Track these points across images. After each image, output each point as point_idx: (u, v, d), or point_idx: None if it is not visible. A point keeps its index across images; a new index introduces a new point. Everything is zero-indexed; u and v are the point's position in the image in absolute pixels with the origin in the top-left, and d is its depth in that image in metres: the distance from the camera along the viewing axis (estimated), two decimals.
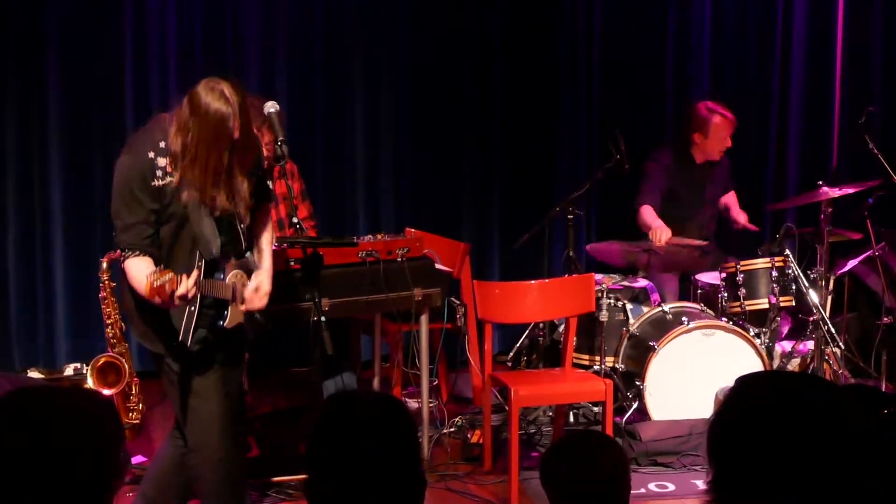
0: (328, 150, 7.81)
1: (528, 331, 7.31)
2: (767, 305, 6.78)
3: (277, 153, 4.82)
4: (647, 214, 7.19)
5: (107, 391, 6.16)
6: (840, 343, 6.81)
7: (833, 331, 6.73)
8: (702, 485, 5.64)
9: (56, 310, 7.41)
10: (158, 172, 4.30)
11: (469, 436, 6.33)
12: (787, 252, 6.80)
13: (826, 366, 6.71)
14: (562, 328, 6.53)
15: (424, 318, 5.87)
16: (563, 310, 6.16)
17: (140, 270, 4.24)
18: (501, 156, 8.14)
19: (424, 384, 5.93)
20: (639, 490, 5.67)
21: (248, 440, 6.05)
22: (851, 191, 6.84)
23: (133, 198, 4.31)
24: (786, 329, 7.33)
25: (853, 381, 6.70)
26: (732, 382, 2.44)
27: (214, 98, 4.25)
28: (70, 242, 7.37)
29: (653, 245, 6.87)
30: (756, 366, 6.30)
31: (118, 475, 2.34)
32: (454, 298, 6.71)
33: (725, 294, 6.79)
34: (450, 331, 6.68)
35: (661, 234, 6.91)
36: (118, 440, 2.35)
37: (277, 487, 5.61)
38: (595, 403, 6.52)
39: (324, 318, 4.71)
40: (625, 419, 6.27)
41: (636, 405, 6.35)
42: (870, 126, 7.33)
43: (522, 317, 6.45)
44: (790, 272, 6.76)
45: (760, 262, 6.84)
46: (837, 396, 2.32)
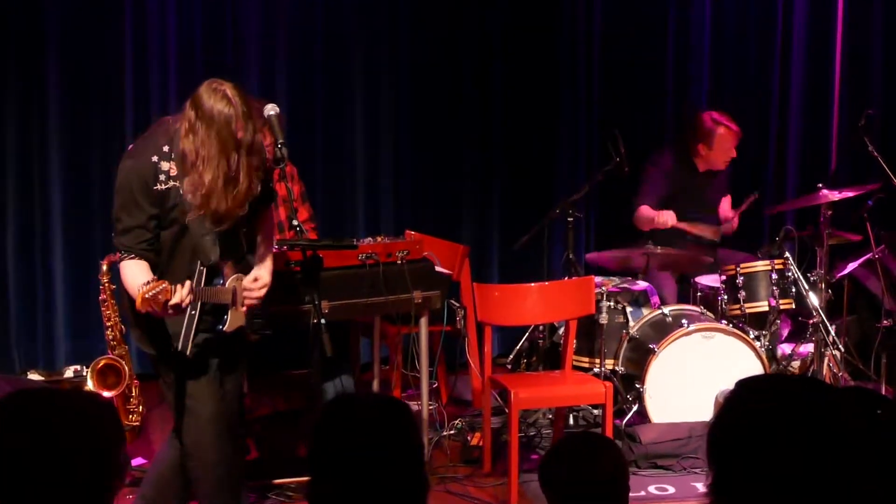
0: (328, 151, 7.81)
1: (528, 333, 7.32)
2: (767, 308, 6.79)
3: (277, 155, 4.81)
4: (646, 211, 7.19)
5: (107, 393, 6.17)
6: (840, 346, 6.81)
7: (833, 333, 6.73)
8: (702, 487, 5.64)
9: (56, 312, 7.41)
10: (161, 176, 4.31)
11: (469, 438, 6.32)
12: (787, 254, 6.80)
13: (826, 368, 6.71)
14: (561, 331, 6.52)
15: (424, 321, 5.87)
16: (563, 312, 6.15)
17: (134, 277, 4.25)
18: (501, 156, 8.15)
19: (424, 387, 5.93)
20: (638, 493, 5.67)
21: (248, 442, 6.04)
22: (851, 193, 6.85)
23: (133, 201, 4.32)
24: (786, 332, 7.33)
25: (853, 384, 6.70)
26: (732, 385, 2.44)
27: (217, 99, 4.26)
28: (70, 244, 7.37)
29: (660, 227, 6.91)
30: (756, 368, 6.30)
31: (118, 477, 2.34)
32: (454, 301, 6.71)
33: (725, 297, 6.79)
34: (449, 333, 6.68)
35: (667, 218, 6.94)
36: (118, 442, 2.35)
37: (277, 490, 5.61)
38: (595, 406, 6.51)
39: (323, 321, 4.70)
40: (624, 422, 6.27)
41: (636, 408, 6.35)
42: (869, 128, 7.33)
43: (522, 319, 6.46)
44: (790, 275, 6.76)
45: (760, 265, 6.85)
46: (837, 399, 2.32)
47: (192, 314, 4.38)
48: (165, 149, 4.32)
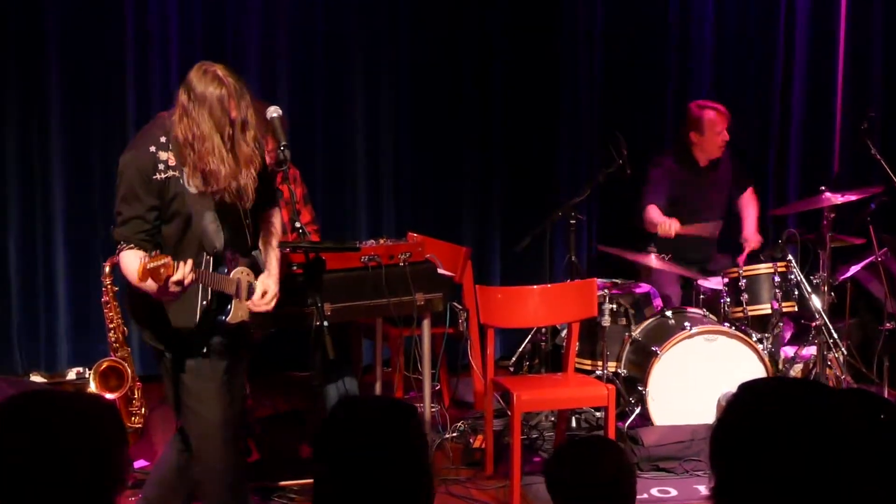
0: (329, 153, 7.81)
1: (530, 336, 7.31)
2: (770, 311, 6.78)
3: (280, 158, 4.81)
4: (654, 212, 7.17)
5: (109, 395, 6.16)
6: (842, 348, 6.80)
7: (836, 336, 6.73)
8: (704, 490, 5.64)
9: (58, 313, 7.41)
10: (160, 166, 4.33)
11: (471, 440, 6.32)
12: (790, 257, 6.80)
13: (828, 371, 6.70)
14: (564, 333, 6.52)
15: (426, 323, 5.86)
16: (566, 315, 6.15)
17: (133, 262, 4.24)
18: (502, 157, 8.15)
19: (426, 389, 5.93)
20: (641, 495, 5.65)
21: (249, 444, 6.04)
22: (854, 196, 6.84)
23: (132, 193, 4.34)
24: (788, 334, 7.32)
25: (855, 387, 6.69)
26: (735, 388, 2.44)
27: (209, 80, 4.30)
28: (72, 246, 7.37)
29: (662, 236, 6.90)
30: (758, 371, 6.30)
31: (120, 479, 2.34)
32: (456, 303, 6.71)
33: (728, 299, 6.79)
34: (452, 335, 6.69)
35: (671, 227, 6.93)
36: (120, 444, 2.35)
37: (279, 492, 5.61)
38: (597, 408, 6.51)
39: (325, 323, 4.70)
40: (627, 424, 6.26)
41: (638, 410, 6.34)
42: (872, 131, 7.33)
43: (524, 321, 6.45)
44: (793, 277, 6.76)
45: (763, 268, 6.85)
46: (839, 402, 2.31)
47: (204, 304, 4.41)
48: (163, 140, 4.35)
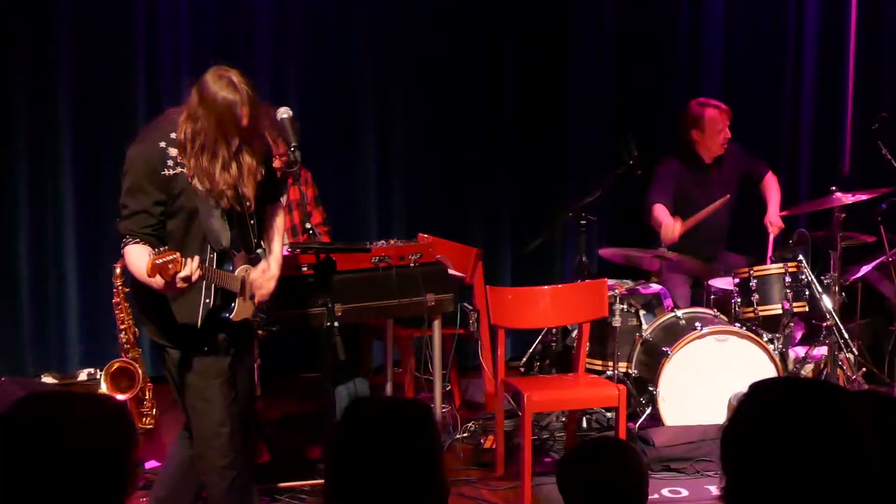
0: (339, 154, 7.82)
1: (541, 336, 7.31)
2: (781, 311, 6.77)
3: (290, 159, 4.81)
4: (660, 212, 7.15)
5: (120, 396, 6.17)
6: (853, 349, 6.80)
7: (846, 336, 6.72)
8: (715, 491, 5.63)
9: (69, 315, 7.42)
10: (169, 162, 4.33)
11: (482, 441, 6.33)
12: (801, 257, 6.79)
13: (839, 371, 6.69)
14: (574, 334, 6.52)
15: (437, 324, 5.87)
16: (576, 315, 6.15)
17: (139, 257, 4.25)
18: (512, 158, 8.15)
19: (437, 390, 5.93)
20: (652, 496, 5.62)
21: (260, 445, 6.05)
22: (864, 196, 6.83)
23: (139, 187, 4.34)
24: (799, 334, 7.31)
25: (866, 388, 6.69)
26: (746, 388, 2.43)
27: (223, 85, 4.30)
28: (83, 248, 7.38)
29: (667, 242, 6.89)
30: (769, 371, 6.29)
31: (131, 480, 2.34)
32: (467, 304, 6.72)
33: (738, 299, 6.78)
34: (462, 336, 6.69)
35: (675, 229, 6.92)
36: (132, 445, 2.35)
37: (290, 493, 5.61)
38: (608, 409, 6.51)
39: (336, 324, 4.71)
40: (638, 425, 6.27)
41: (649, 411, 6.34)
42: (883, 132, 7.32)
43: (535, 322, 6.45)
44: (803, 277, 6.75)
45: (773, 268, 6.84)
46: (850, 403, 2.31)
47: (207, 302, 4.41)
48: (173, 136, 4.35)
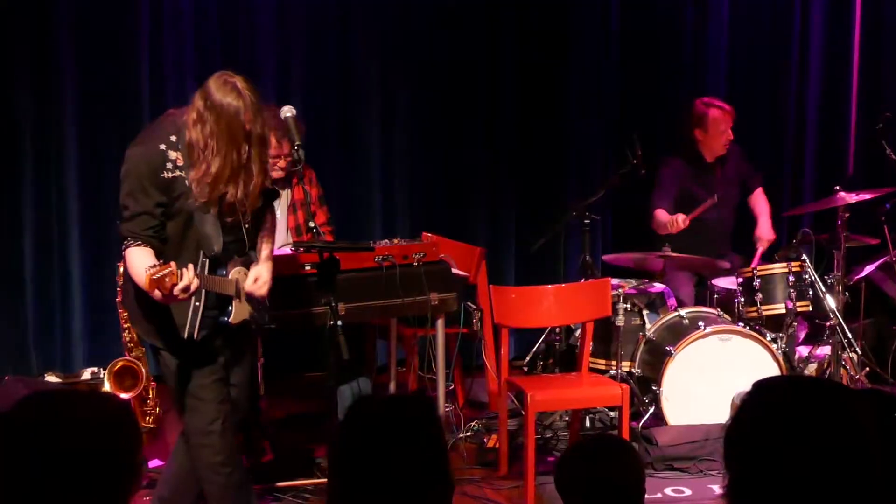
0: (343, 153, 7.82)
1: (544, 335, 7.31)
2: (784, 310, 6.76)
3: (294, 157, 4.81)
4: (660, 215, 7.18)
5: (124, 395, 6.17)
6: (857, 348, 6.79)
7: (850, 336, 6.72)
8: (718, 490, 5.63)
9: (73, 314, 7.42)
10: (169, 165, 4.33)
11: (485, 440, 6.33)
12: (804, 257, 6.79)
13: (843, 371, 6.69)
14: (578, 333, 6.52)
15: (440, 323, 5.87)
16: (580, 314, 6.15)
17: (140, 262, 4.23)
18: (516, 157, 8.14)
19: (441, 389, 5.93)
20: (655, 495, 5.66)
21: (264, 445, 6.05)
22: (868, 196, 6.83)
23: (141, 188, 4.33)
24: (802, 334, 7.30)
25: (870, 387, 6.68)
26: (749, 387, 2.44)
27: (227, 91, 4.30)
28: (87, 247, 7.37)
29: (673, 233, 6.89)
30: (773, 371, 6.29)
31: (135, 478, 2.34)
32: (470, 303, 6.71)
33: (742, 299, 6.79)
34: (466, 335, 6.69)
35: (678, 220, 6.93)
36: (135, 443, 2.35)
37: (292, 492, 5.62)
38: (611, 408, 6.51)
39: (339, 323, 4.71)
40: (641, 424, 6.26)
41: (652, 410, 6.34)
42: (887, 131, 7.32)
43: (538, 321, 6.45)
44: (807, 277, 6.75)
45: (777, 267, 6.83)
46: (854, 402, 2.31)
47: (197, 305, 4.41)
48: (173, 139, 4.35)
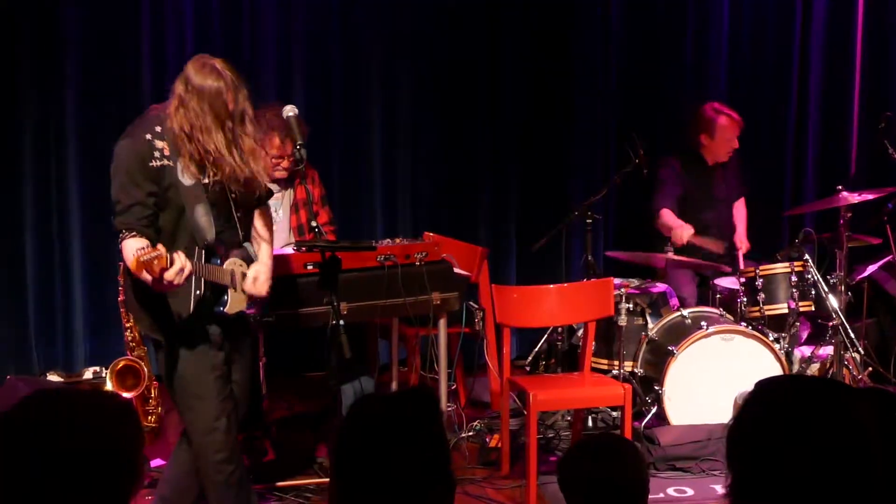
0: (345, 153, 7.82)
1: (547, 335, 7.31)
2: (787, 310, 6.77)
3: (296, 157, 4.81)
4: (668, 216, 7.19)
5: (126, 394, 6.17)
6: (859, 348, 6.79)
7: (852, 336, 6.72)
8: (720, 490, 5.63)
9: (75, 313, 7.42)
10: (156, 153, 4.37)
11: (487, 440, 6.32)
12: (807, 257, 6.79)
13: (845, 371, 6.69)
14: (580, 332, 6.52)
15: (442, 323, 5.87)
16: (582, 314, 6.15)
17: (133, 249, 4.24)
18: (517, 157, 8.14)
19: (443, 388, 5.93)
20: (657, 495, 5.65)
21: (265, 444, 6.05)
22: (871, 196, 6.83)
23: (131, 179, 4.36)
24: (805, 334, 7.31)
25: (872, 387, 6.68)
26: (751, 387, 2.43)
27: (207, 73, 4.35)
28: (88, 246, 7.37)
29: (675, 244, 6.88)
30: (775, 371, 6.28)
31: (137, 478, 2.33)
32: (472, 302, 6.71)
33: (744, 299, 6.79)
34: (468, 335, 6.68)
35: (684, 233, 6.94)
36: (137, 443, 2.34)
37: (294, 491, 5.61)
38: (614, 408, 6.51)
39: (342, 322, 4.70)
40: (643, 424, 6.26)
41: (655, 410, 6.34)
42: (889, 131, 7.32)
43: (541, 321, 6.45)
44: (809, 277, 6.75)
45: (780, 267, 6.84)
46: (856, 401, 2.30)
47: (198, 294, 4.42)
48: (158, 129, 4.40)
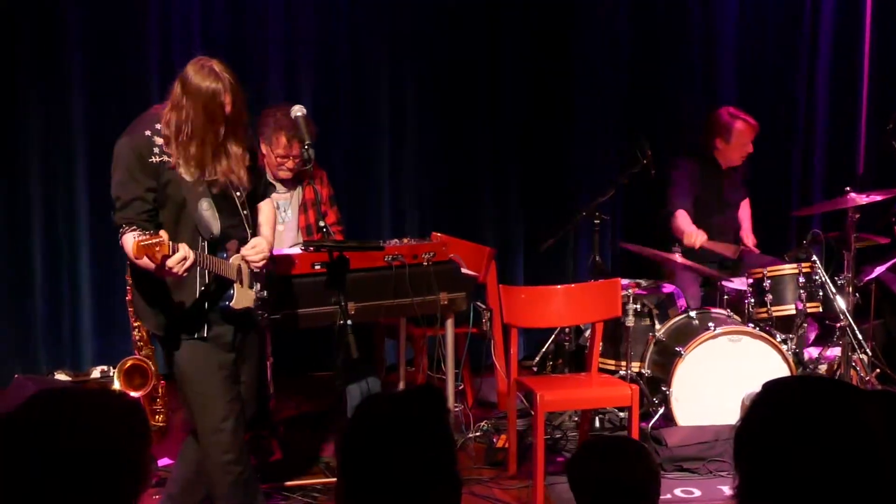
0: (352, 154, 7.82)
1: (554, 335, 7.31)
2: (794, 311, 6.76)
3: (304, 157, 4.82)
4: (682, 219, 7.15)
5: (133, 394, 6.17)
6: (867, 349, 6.78)
7: (860, 337, 6.70)
8: (728, 491, 5.62)
9: (82, 312, 7.43)
10: (155, 149, 4.40)
11: (494, 440, 6.31)
12: (814, 258, 6.78)
13: (853, 372, 6.68)
14: (587, 333, 6.51)
15: (450, 323, 5.87)
16: (589, 315, 6.14)
17: (133, 239, 4.26)
18: (524, 157, 8.14)
19: (450, 389, 5.93)
20: (664, 496, 5.64)
21: (272, 444, 6.05)
22: (879, 197, 6.82)
23: (131, 176, 4.39)
24: (812, 335, 7.30)
25: (880, 388, 6.67)
26: (759, 388, 2.43)
27: (205, 75, 4.37)
28: (95, 246, 7.37)
29: (686, 246, 6.88)
30: (783, 372, 6.27)
31: (144, 477, 2.34)
32: (480, 303, 6.71)
33: (752, 300, 6.78)
34: (475, 335, 6.69)
35: (697, 238, 6.93)
36: (144, 442, 2.34)
37: (301, 491, 5.62)
38: (621, 409, 6.50)
39: (349, 322, 4.70)
40: (650, 425, 6.25)
41: (662, 411, 6.33)
42: None
43: (548, 321, 6.44)
44: (817, 278, 6.74)
45: (787, 268, 6.83)
46: (864, 403, 2.30)
47: (202, 288, 4.44)
48: (157, 126, 4.43)
